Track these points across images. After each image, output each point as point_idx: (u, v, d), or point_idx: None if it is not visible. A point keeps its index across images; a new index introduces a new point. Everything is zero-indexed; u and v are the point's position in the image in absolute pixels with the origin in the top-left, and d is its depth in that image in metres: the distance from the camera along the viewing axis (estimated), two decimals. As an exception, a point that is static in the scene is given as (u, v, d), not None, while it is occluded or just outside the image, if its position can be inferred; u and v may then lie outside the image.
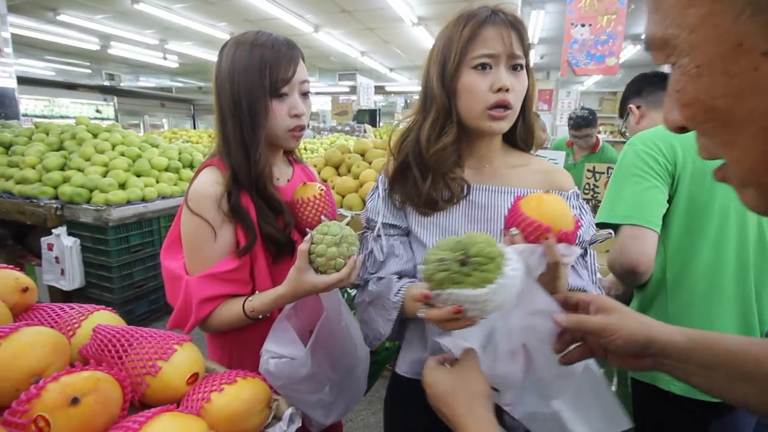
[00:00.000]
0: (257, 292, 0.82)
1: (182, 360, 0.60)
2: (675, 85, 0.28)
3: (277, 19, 5.97)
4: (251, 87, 0.79)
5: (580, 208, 0.81)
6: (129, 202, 2.64)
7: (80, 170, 2.78)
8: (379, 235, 0.83)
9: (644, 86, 1.31)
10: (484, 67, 0.71)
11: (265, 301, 0.79)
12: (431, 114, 0.77)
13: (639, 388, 1.09)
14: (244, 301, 0.80)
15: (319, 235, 0.74)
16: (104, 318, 0.68)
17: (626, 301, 1.34)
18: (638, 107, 1.29)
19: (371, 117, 9.56)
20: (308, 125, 0.93)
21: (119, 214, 2.55)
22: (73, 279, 2.62)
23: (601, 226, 1.07)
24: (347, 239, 0.75)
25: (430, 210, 0.80)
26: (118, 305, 2.66)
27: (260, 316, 0.80)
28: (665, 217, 1.02)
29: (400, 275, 0.82)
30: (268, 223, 0.84)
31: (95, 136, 3.07)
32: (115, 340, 0.60)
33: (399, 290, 0.78)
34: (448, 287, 0.51)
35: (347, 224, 0.96)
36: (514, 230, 0.61)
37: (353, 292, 1.28)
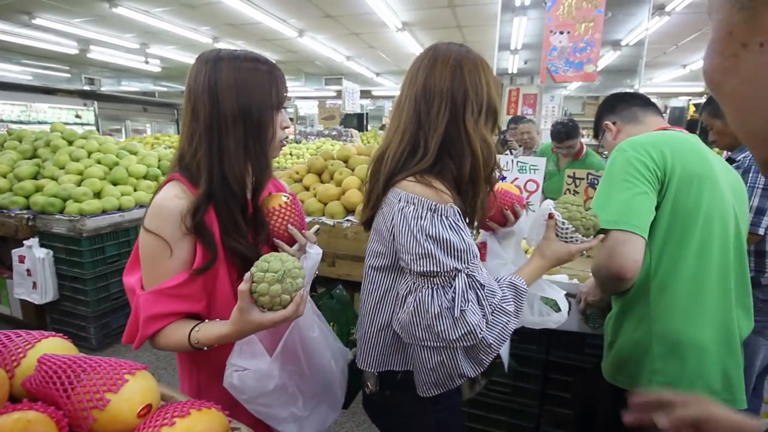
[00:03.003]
0: (206, 321, 0.79)
1: (133, 391, 0.57)
2: None
3: (260, 23, 5.94)
4: (263, 100, 0.83)
5: None
6: (104, 212, 2.57)
7: (54, 179, 2.70)
8: (472, 266, 0.79)
9: (617, 103, 1.32)
10: None
11: (210, 336, 0.75)
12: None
13: (621, 396, 1.08)
14: (191, 329, 0.77)
15: (260, 273, 0.68)
16: (53, 346, 0.64)
17: (603, 307, 1.34)
18: (614, 123, 1.30)
19: (359, 121, 9.54)
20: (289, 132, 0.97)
21: (94, 224, 2.48)
22: (45, 292, 2.53)
23: None
24: (290, 273, 0.70)
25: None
26: (94, 318, 2.59)
27: (205, 348, 0.77)
28: (651, 223, 1.02)
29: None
30: (234, 239, 0.82)
31: (71, 143, 2.99)
32: (61, 371, 0.56)
33: (520, 279, 0.85)
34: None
35: (316, 233, 0.94)
36: (517, 205, 1.03)
37: (330, 301, 1.26)
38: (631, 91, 1.51)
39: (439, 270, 0.75)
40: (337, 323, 1.17)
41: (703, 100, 7.98)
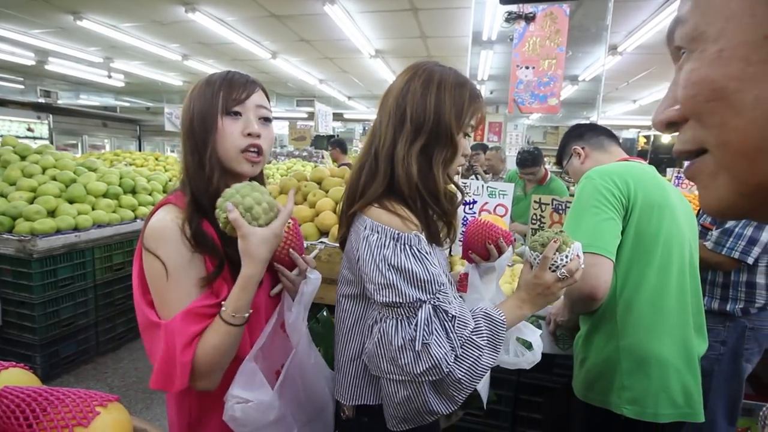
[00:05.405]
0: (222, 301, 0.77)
1: (106, 425, 0.53)
2: (681, 75, 0.29)
3: (233, 43, 5.92)
4: (204, 106, 0.81)
5: None
6: (59, 231, 2.41)
7: (3, 196, 2.52)
8: (439, 297, 0.75)
9: (585, 131, 1.42)
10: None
11: (235, 295, 0.74)
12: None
13: (593, 413, 1.13)
14: (218, 314, 0.74)
15: (238, 196, 0.74)
16: (15, 378, 0.60)
17: (571, 328, 1.40)
18: (582, 148, 1.40)
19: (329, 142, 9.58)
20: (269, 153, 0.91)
21: (46, 244, 2.33)
22: (-15, 318, 2.32)
23: None
24: (257, 188, 0.77)
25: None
26: (41, 347, 2.39)
27: (246, 315, 0.75)
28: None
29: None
30: (232, 248, 0.80)
31: (23, 158, 2.81)
32: (25, 404, 0.52)
33: (499, 312, 0.81)
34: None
35: (315, 257, 0.95)
36: (501, 240, 0.97)
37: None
38: (595, 122, 1.62)
39: (402, 301, 0.73)
40: (323, 347, 1.16)
41: (651, 132, 8.66)
